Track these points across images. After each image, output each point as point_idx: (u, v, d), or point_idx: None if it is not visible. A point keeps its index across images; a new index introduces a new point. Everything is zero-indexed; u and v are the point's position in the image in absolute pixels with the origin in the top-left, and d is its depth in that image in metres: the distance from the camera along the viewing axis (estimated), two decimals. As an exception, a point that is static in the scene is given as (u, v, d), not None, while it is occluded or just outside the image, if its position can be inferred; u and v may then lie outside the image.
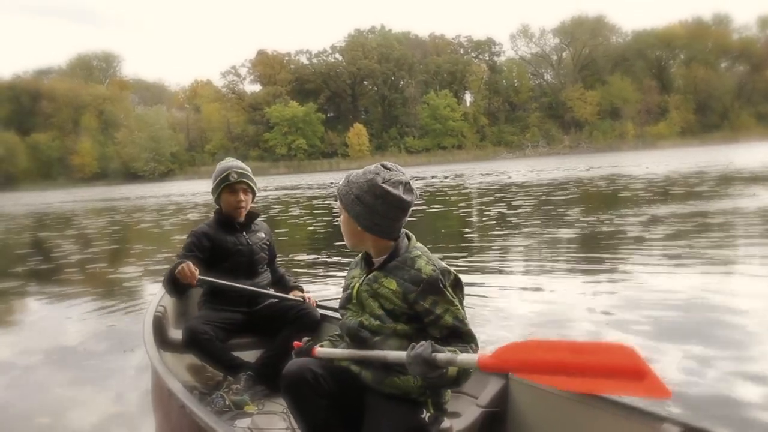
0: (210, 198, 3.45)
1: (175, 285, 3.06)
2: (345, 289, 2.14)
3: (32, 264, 10.33)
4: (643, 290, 5.25)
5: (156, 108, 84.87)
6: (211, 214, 3.43)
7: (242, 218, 3.36)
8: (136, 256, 10.43)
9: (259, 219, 3.49)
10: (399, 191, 1.96)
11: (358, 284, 2.06)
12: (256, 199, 3.48)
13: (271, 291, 3.28)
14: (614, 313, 4.61)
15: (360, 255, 2.17)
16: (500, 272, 6.56)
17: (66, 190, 64.45)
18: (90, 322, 5.50)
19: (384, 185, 1.95)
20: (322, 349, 2.11)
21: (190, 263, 3.02)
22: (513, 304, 5.07)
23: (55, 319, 5.71)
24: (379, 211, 1.96)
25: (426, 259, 1.98)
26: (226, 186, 3.27)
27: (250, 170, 3.36)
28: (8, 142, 76.95)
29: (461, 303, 1.98)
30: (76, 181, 76.88)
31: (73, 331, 5.20)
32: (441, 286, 1.93)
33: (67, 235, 15.07)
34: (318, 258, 8.11)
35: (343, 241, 2.13)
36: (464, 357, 1.78)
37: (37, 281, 8.42)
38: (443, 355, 1.77)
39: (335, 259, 8.00)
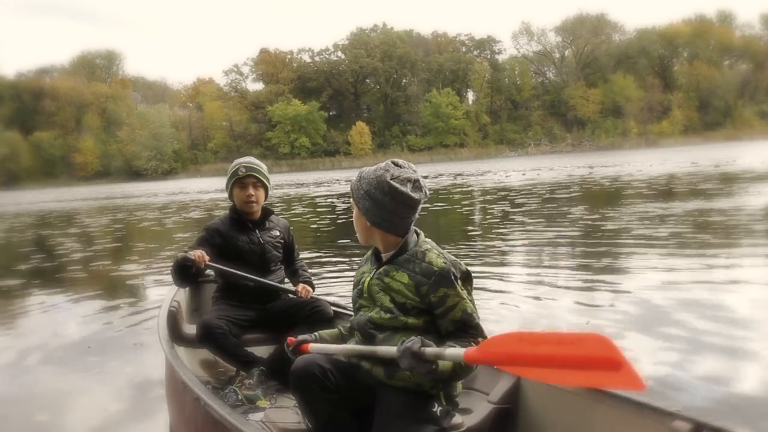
0: (212, 196, 3.47)
1: (182, 272, 3.09)
2: (355, 284, 2.17)
3: (36, 262, 10.36)
4: (643, 290, 5.24)
5: (158, 106, 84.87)
6: (214, 213, 3.45)
7: (256, 216, 3.35)
8: (139, 253, 10.46)
9: (274, 216, 3.48)
10: (407, 188, 1.99)
11: (368, 279, 2.09)
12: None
13: (278, 284, 3.29)
14: (613, 312, 4.61)
15: (370, 251, 2.19)
16: (502, 270, 6.56)
17: (68, 188, 64.54)
18: (96, 318, 5.51)
19: (392, 182, 1.98)
20: (316, 345, 2.16)
21: (202, 250, 3.08)
22: (512, 303, 5.08)
23: (60, 316, 5.73)
24: (387, 208, 2.00)
25: (436, 252, 2.02)
26: (236, 181, 3.28)
27: (263, 166, 3.36)
28: (11, 140, 77.07)
29: (470, 296, 2.01)
30: (79, 179, 76.98)
31: (80, 327, 5.22)
32: (452, 278, 1.96)
33: (70, 233, 15.11)
34: (321, 257, 8.11)
35: (346, 238, 2.17)
36: (452, 351, 1.80)
37: (41, 279, 8.44)
38: (431, 349, 1.79)
39: (338, 258, 8.01)
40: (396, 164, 2.05)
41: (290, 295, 3.31)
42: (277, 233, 3.41)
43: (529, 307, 4.95)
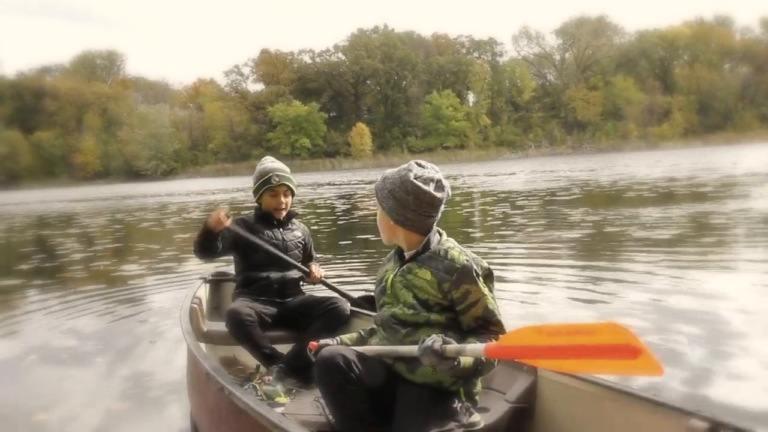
0: (211, 198, 3.50)
1: (206, 239, 3.15)
2: (379, 282, 2.21)
3: (36, 262, 10.37)
4: (644, 293, 5.25)
5: (159, 106, 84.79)
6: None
7: (282, 217, 3.47)
8: (140, 254, 10.46)
9: (296, 219, 3.60)
10: (430, 188, 2.06)
11: (392, 276, 2.13)
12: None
13: (292, 260, 3.38)
14: (614, 313, 4.62)
15: (393, 249, 2.24)
16: (502, 271, 6.56)
17: (69, 188, 64.50)
18: (98, 319, 5.51)
19: (415, 181, 2.05)
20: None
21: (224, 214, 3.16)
22: (513, 303, 5.09)
23: (61, 316, 5.70)
24: (410, 206, 2.06)
25: (458, 250, 2.08)
26: (268, 189, 3.38)
27: (289, 171, 3.47)
28: (11, 139, 77.11)
29: (492, 293, 2.06)
30: (79, 179, 76.93)
31: (81, 328, 5.20)
32: (474, 275, 2.01)
33: (70, 234, 15.12)
34: (320, 257, 8.10)
35: (346, 240, 2.19)
36: (473, 346, 1.84)
37: (41, 279, 8.44)
38: (452, 346, 1.83)
39: (338, 259, 8.02)
40: (419, 164, 2.12)
41: (303, 286, 3.47)
42: (299, 234, 3.54)
43: (530, 307, 4.96)
